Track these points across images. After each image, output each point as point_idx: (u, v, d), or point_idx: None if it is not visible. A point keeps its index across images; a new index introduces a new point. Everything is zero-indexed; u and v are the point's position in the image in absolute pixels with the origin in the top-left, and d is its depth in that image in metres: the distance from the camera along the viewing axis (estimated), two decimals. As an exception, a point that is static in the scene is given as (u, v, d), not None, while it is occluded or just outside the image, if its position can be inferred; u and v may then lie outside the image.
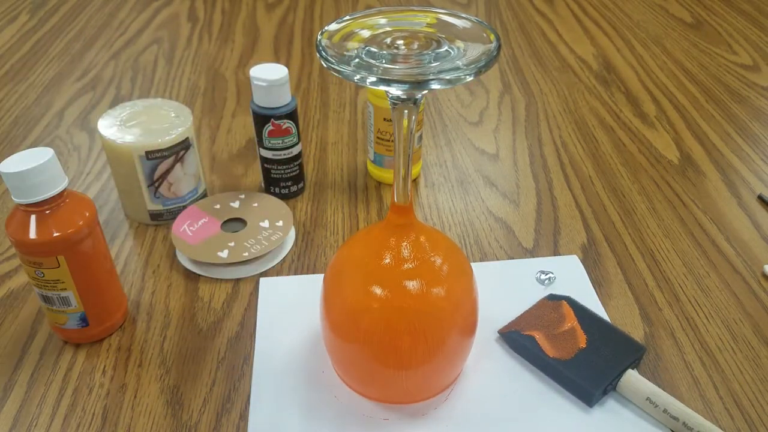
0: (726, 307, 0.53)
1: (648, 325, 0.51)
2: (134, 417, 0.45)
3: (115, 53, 0.94)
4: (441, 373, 0.43)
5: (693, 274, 0.56)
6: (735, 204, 0.64)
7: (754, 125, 0.77)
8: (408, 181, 0.39)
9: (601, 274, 0.56)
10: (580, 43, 0.97)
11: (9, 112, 0.80)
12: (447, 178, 0.68)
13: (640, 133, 0.76)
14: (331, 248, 0.59)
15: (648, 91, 0.85)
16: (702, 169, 0.70)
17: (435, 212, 0.63)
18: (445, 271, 0.41)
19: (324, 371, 0.47)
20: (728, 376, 0.48)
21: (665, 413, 0.43)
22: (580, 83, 0.86)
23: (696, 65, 0.91)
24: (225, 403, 0.46)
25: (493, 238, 0.60)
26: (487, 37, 0.33)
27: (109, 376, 0.47)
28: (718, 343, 0.50)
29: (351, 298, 0.41)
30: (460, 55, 0.32)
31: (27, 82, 0.87)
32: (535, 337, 0.48)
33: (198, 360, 0.49)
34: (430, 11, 0.36)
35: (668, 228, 0.61)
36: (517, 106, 0.81)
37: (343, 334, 0.42)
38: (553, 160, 0.71)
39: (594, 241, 0.60)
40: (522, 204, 0.64)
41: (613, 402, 0.45)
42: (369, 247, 0.42)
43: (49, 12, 1.07)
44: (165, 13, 1.08)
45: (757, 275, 0.56)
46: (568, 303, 0.51)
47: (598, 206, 0.64)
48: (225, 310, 0.53)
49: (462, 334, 0.42)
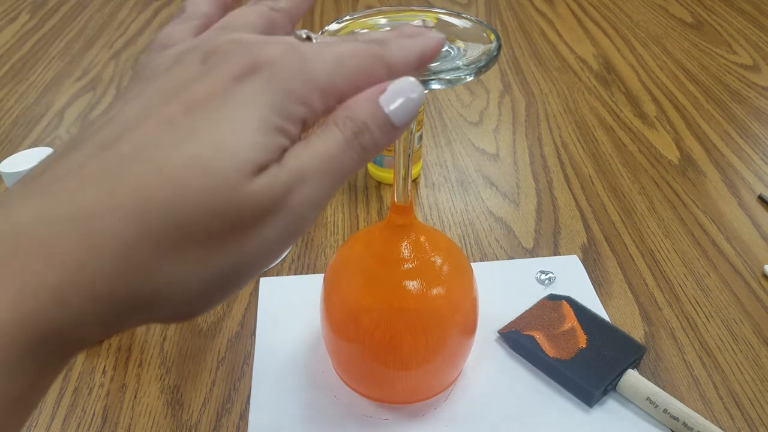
0: (726, 307, 0.53)
1: (648, 325, 0.51)
2: (134, 417, 0.45)
3: (115, 53, 0.94)
4: (441, 373, 0.43)
5: (693, 274, 0.56)
6: (735, 204, 0.64)
7: (754, 125, 0.77)
8: (408, 181, 0.39)
9: (601, 274, 0.56)
10: (580, 43, 0.97)
11: (9, 112, 0.80)
12: (447, 178, 0.68)
13: (641, 133, 0.76)
14: (331, 248, 0.59)
15: (648, 91, 0.85)
16: (702, 169, 0.70)
17: (435, 212, 0.63)
18: (445, 271, 0.41)
19: (324, 371, 0.47)
20: (728, 376, 0.48)
21: (665, 413, 0.43)
22: (580, 83, 0.86)
23: (696, 65, 0.91)
24: (225, 403, 0.46)
25: (493, 238, 0.60)
26: (487, 37, 0.33)
27: (109, 376, 0.47)
28: (718, 343, 0.50)
29: (351, 298, 0.41)
30: (460, 55, 0.32)
31: (27, 82, 0.87)
32: (535, 337, 0.48)
33: (198, 360, 0.49)
34: (430, 11, 0.36)
35: (668, 228, 0.61)
36: (517, 106, 0.81)
37: (343, 334, 0.42)
38: (553, 160, 0.71)
39: (594, 241, 0.60)
40: (522, 204, 0.64)
41: (613, 402, 0.45)
42: (369, 247, 0.42)
43: (49, 12, 1.07)
44: (165, 13, 1.08)
45: (757, 275, 0.56)
46: (568, 303, 0.51)
47: (598, 206, 0.64)
48: (225, 310, 0.53)
49: (462, 334, 0.42)
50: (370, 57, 0.23)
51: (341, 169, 0.22)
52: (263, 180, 0.20)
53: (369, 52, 0.23)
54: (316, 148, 0.21)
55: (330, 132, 0.22)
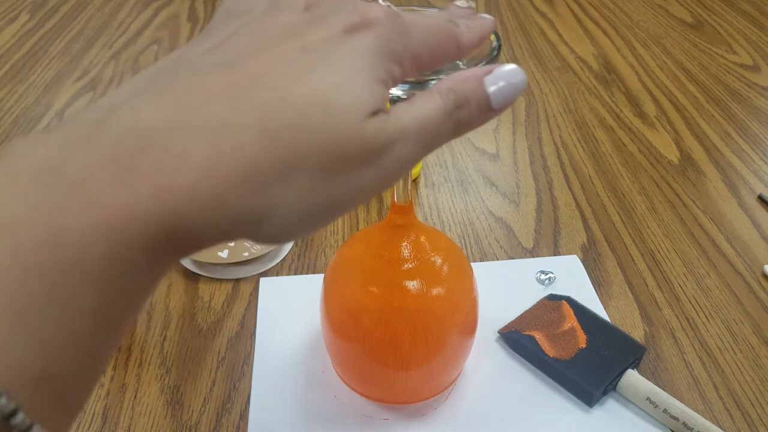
0: (726, 307, 0.53)
1: (648, 325, 0.51)
2: (134, 417, 0.45)
3: (115, 53, 0.94)
4: (441, 373, 0.43)
5: (693, 274, 0.56)
6: (735, 204, 0.64)
7: (754, 125, 0.77)
8: (408, 181, 0.39)
9: (601, 274, 0.56)
10: (580, 43, 0.97)
11: (9, 112, 0.80)
12: (447, 178, 0.68)
13: (640, 133, 0.76)
14: (331, 248, 0.59)
15: (648, 91, 0.85)
16: (702, 169, 0.70)
17: (435, 212, 0.63)
18: (445, 271, 0.41)
19: (324, 371, 0.47)
20: (728, 376, 0.48)
21: (665, 413, 0.43)
22: (580, 83, 0.86)
23: (696, 65, 0.91)
24: (225, 403, 0.46)
25: (493, 238, 0.60)
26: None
27: (109, 376, 0.47)
28: (718, 343, 0.50)
29: (351, 298, 0.41)
30: (460, 55, 0.32)
31: (27, 82, 0.87)
32: (535, 337, 0.48)
33: (198, 360, 0.49)
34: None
35: (668, 228, 0.61)
36: (517, 106, 0.81)
37: (343, 334, 0.42)
38: (553, 160, 0.71)
39: (594, 241, 0.60)
40: (522, 204, 0.64)
41: (613, 402, 0.45)
42: (369, 247, 0.42)
43: (49, 12, 1.07)
44: (165, 13, 1.08)
45: (757, 275, 0.56)
46: (568, 303, 0.51)
47: (598, 206, 0.64)
48: (225, 310, 0.53)
49: (462, 334, 0.42)
50: (448, 34, 0.25)
51: (437, 137, 0.23)
52: (375, 124, 0.21)
53: (448, 30, 0.25)
54: (420, 111, 0.23)
55: (433, 99, 0.23)
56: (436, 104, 0.23)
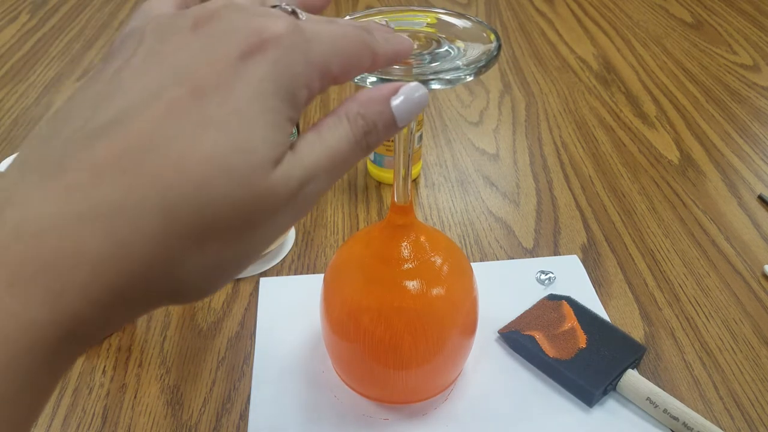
0: (726, 307, 0.53)
1: (648, 325, 0.51)
2: (134, 417, 0.45)
3: (115, 53, 0.94)
4: (441, 373, 0.43)
5: (693, 274, 0.56)
6: (735, 204, 0.64)
7: (754, 125, 0.77)
8: (408, 181, 0.39)
9: (601, 274, 0.56)
10: (580, 43, 0.97)
11: (9, 112, 0.80)
12: (447, 178, 0.68)
13: (640, 133, 0.76)
14: (331, 248, 0.59)
15: (648, 91, 0.85)
16: (702, 169, 0.70)
17: (435, 212, 0.63)
18: (445, 271, 0.41)
19: (324, 371, 0.47)
20: (728, 376, 0.48)
21: (665, 413, 0.43)
22: (580, 83, 0.86)
23: (696, 65, 0.91)
24: (225, 403, 0.46)
25: (493, 238, 0.60)
26: (487, 37, 0.33)
27: (109, 376, 0.47)
28: (718, 343, 0.50)
29: (351, 298, 0.41)
30: (460, 55, 0.32)
31: (27, 82, 0.87)
32: (535, 337, 0.48)
33: (198, 360, 0.49)
34: (431, 11, 0.36)
35: (668, 228, 0.61)
36: (517, 106, 0.81)
37: (343, 334, 0.42)
38: (553, 160, 0.71)
39: (594, 241, 0.60)
40: (522, 204, 0.64)
41: (613, 402, 0.45)
42: (369, 247, 0.42)
43: (49, 12, 1.07)
44: (165, 13, 1.07)
45: (757, 275, 0.56)
46: (568, 303, 0.51)
47: (598, 206, 0.64)
48: (225, 310, 0.53)
49: (462, 334, 0.42)
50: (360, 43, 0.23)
51: (347, 165, 0.23)
52: (281, 172, 0.20)
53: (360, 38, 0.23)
54: (329, 145, 0.22)
55: (342, 128, 0.22)
56: (345, 134, 0.22)
